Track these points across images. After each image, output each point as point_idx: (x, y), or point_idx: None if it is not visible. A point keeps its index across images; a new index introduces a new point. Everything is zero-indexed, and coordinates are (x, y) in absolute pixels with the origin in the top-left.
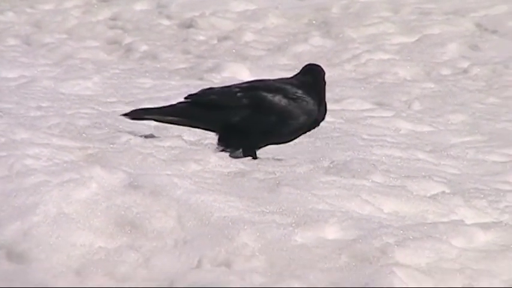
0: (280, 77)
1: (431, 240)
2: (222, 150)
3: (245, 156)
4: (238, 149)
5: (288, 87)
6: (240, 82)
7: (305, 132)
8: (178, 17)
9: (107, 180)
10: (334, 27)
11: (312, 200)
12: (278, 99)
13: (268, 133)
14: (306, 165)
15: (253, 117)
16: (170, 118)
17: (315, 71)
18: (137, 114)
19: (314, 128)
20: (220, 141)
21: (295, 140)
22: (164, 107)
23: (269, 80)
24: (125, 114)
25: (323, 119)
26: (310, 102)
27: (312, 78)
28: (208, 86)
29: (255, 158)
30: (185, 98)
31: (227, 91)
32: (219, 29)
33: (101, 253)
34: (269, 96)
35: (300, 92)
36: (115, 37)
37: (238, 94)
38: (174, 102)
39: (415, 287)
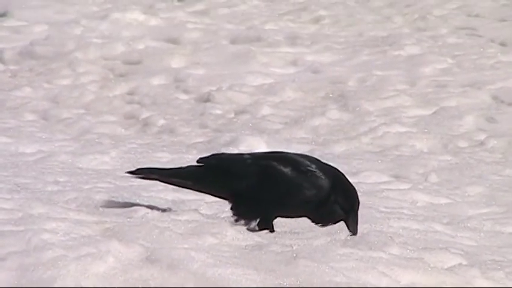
0: (296, 150)
1: None
2: (236, 220)
3: (261, 229)
4: (250, 219)
5: (301, 160)
6: (256, 152)
7: (318, 209)
8: (195, 91)
9: (124, 254)
10: (351, 100)
11: (329, 273)
12: (287, 170)
13: (275, 204)
14: (323, 237)
15: (261, 186)
16: (177, 180)
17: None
18: (143, 173)
19: (329, 207)
20: (232, 210)
21: None
22: (172, 168)
23: (286, 152)
24: (131, 172)
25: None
26: (321, 178)
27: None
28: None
29: (272, 231)
30: (197, 161)
31: (238, 158)
32: (236, 103)
33: None
34: (278, 166)
35: (313, 166)
36: (132, 112)
37: (248, 161)
38: (184, 166)
39: None
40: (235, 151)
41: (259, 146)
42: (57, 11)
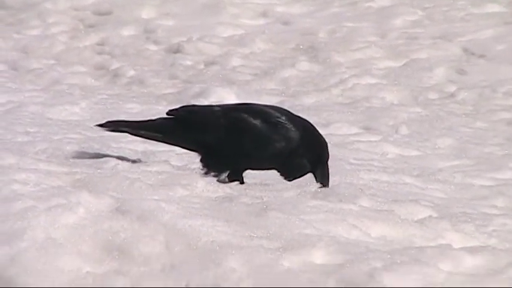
0: (266, 101)
1: (419, 264)
2: (205, 172)
3: (231, 180)
4: (220, 171)
5: (271, 111)
6: (226, 104)
7: (287, 161)
8: (165, 42)
9: (94, 205)
10: (321, 52)
11: (299, 225)
12: (256, 121)
13: (244, 156)
14: (293, 189)
15: (230, 137)
16: (147, 133)
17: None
18: (113, 126)
19: (297, 160)
20: (201, 162)
21: None
22: (142, 121)
23: (256, 104)
24: (100, 125)
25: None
26: (291, 130)
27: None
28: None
29: (242, 182)
30: (166, 113)
31: (207, 110)
32: (206, 54)
33: (88, 278)
34: (248, 118)
35: (282, 118)
36: (102, 62)
37: (218, 113)
38: (153, 118)
39: None
40: (205, 102)
41: (229, 97)
42: None
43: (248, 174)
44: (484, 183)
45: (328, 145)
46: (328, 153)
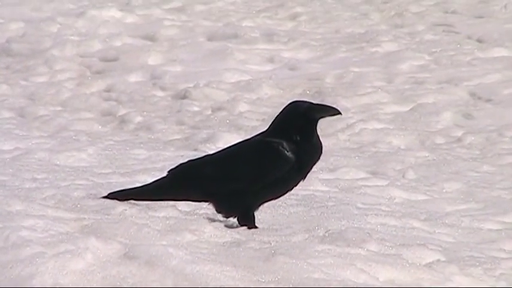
0: None
1: None
2: (220, 216)
3: (242, 224)
4: (233, 215)
5: (262, 139)
6: (218, 150)
7: (296, 180)
8: (172, 88)
9: (102, 251)
10: (328, 97)
11: (307, 269)
12: (246, 157)
13: (251, 193)
14: (301, 234)
15: (230, 181)
16: (151, 197)
17: (287, 112)
18: (116, 197)
19: (305, 171)
20: (216, 211)
21: (291, 210)
22: (143, 186)
23: (244, 140)
24: (105, 197)
25: (317, 158)
26: (283, 150)
27: (285, 121)
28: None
29: (252, 226)
30: (167, 173)
31: (203, 161)
32: (213, 100)
33: None
34: (237, 157)
35: (274, 142)
36: (109, 109)
37: (213, 161)
38: (153, 180)
39: None
40: (213, 148)
41: None
42: (34, 8)
43: (256, 219)
44: (492, 227)
45: (336, 189)
46: (299, 105)
